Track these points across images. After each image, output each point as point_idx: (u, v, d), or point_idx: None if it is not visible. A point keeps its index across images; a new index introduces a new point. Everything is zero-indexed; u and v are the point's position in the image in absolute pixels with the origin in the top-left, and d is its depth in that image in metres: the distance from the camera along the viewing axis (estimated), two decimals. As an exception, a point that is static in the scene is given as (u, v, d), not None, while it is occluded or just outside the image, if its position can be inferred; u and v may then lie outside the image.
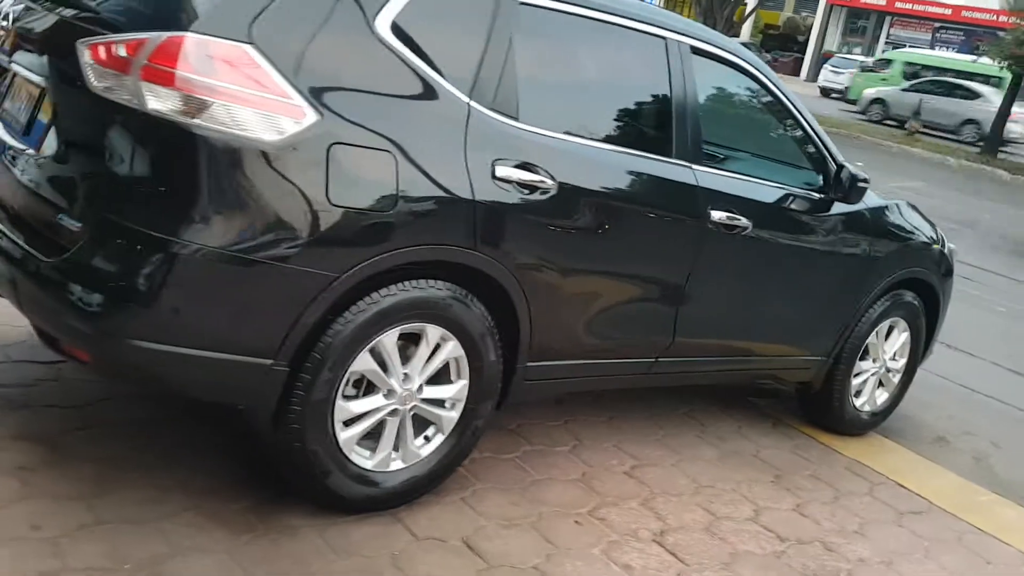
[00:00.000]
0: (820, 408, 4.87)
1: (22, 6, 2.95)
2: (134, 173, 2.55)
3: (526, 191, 3.06)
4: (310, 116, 2.61)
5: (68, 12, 2.75)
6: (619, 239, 3.44)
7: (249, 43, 2.56)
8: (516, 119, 3.07)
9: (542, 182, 3.09)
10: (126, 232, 2.53)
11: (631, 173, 3.45)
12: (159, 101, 2.48)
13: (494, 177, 2.99)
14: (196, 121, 2.48)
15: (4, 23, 2.96)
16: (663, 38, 3.61)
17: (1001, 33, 35.31)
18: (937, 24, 43.48)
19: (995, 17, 39.73)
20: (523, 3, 3.16)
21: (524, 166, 3.06)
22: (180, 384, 2.72)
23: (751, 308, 4.13)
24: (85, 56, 2.58)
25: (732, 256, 3.85)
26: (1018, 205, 17.44)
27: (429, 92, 2.89)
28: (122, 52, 2.53)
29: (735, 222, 3.77)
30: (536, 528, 3.30)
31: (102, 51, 2.56)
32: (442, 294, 2.99)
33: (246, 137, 2.52)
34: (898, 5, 43.96)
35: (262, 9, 2.59)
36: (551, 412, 4.21)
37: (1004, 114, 23.97)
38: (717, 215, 3.71)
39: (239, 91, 2.52)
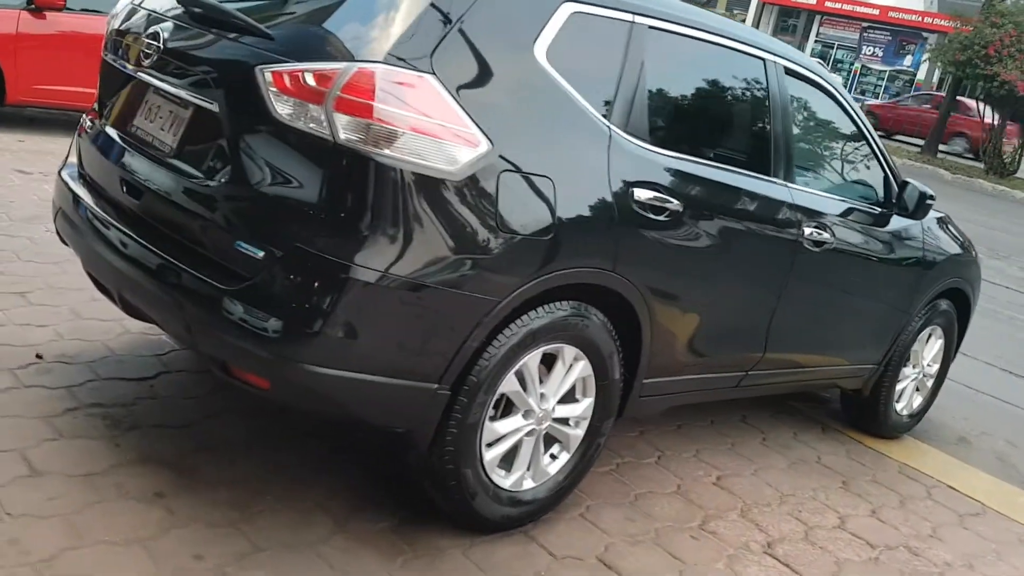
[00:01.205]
0: (866, 413, 5.04)
1: (170, 24, 2.90)
2: (317, 201, 2.54)
3: (656, 213, 3.13)
4: (483, 144, 2.63)
5: (241, 36, 2.71)
6: (728, 257, 3.54)
7: (431, 73, 2.57)
8: (647, 142, 3.13)
9: (670, 203, 3.16)
10: (309, 259, 2.53)
11: (739, 192, 3.55)
12: (350, 132, 2.48)
13: (632, 200, 3.05)
14: (383, 151, 2.49)
15: (149, 40, 2.91)
16: (763, 59, 3.71)
17: (927, 34, 36.48)
18: (865, 24, 44.55)
19: (920, 19, 40.97)
20: (652, 27, 3.20)
21: (656, 188, 3.14)
22: (351, 410, 2.73)
23: (827, 320, 4.28)
24: (266, 83, 2.56)
25: (816, 270, 3.98)
26: (961, 201, 18.03)
27: (578, 117, 2.94)
28: (311, 82, 2.52)
29: (821, 237, 3.90)
30: (659, 544, 3.37)
31: (287, 79, 2.55)
32: (582, 315, 3.04)
33: (426, 166, 2.55)
34: (828, 4, 44.94)
35: (440, 39, 2.61)
36: (626, 424, 4.28)
37: (944, 115, 24.73)
38: (808, 231, 3.83)
39: (423, 121, 2.53)
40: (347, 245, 2.52)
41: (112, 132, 3.15)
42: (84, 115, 3.47)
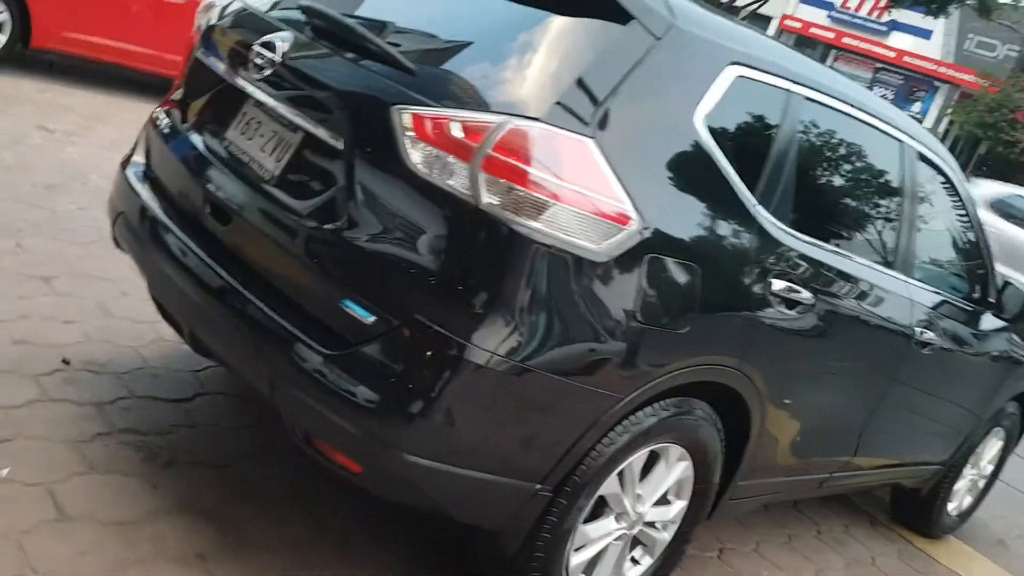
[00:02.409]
0: (919, 512, 4.81)
1: (289, 35, 2.52)
2: (444, 268, 2.20)
3: (789, 306, 2.80)
4: (634, 222, 2.30)
5: (376, 66, 2.34)
6: (845, 355, 3.25)
7: (591, 137, 2.22)
8: (788, 225, 2.81)
9: (802, 296, 2.84)
10: (427, 334, 2.18)
11: (865, 285, 3.23)
12: (495, 196, 2.14)
13: (770, 291, 2.72)
14: (528, 222, 2.14)
15: (262, 48, 2.53)
16: (901, 141, 3.39)
17: (938, 83, 36.39)
18: (879, 65, 44.46)
19: (935, 67, 40.85)
20: (808, 99, 2.87)
21: (792, 279, 2.81)
22: (442, 505, 2.38)
23: (914, 422, 4.00)
24: (403, 126, 2.21)
25: (918, 371, 3.70)
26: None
27: (728, 195, 2.61)
28: (458, 133, 2.16)
29: (929, 337, 3.60)
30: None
31: (429, 126, 2.19)
32: (696, 413, 2.72)
33: (570, 243, 2.21)
34: (845, 41, 44.80)
35: (603, 99, 2.26)
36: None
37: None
38: (919, 330, 3.55)
39: (576, 192, 2.20)
40: (470, 322, 2.18)
41: (196, 139, 2.76)
42: (157, 107, 3.07)
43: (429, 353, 2.20)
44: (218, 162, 2.66)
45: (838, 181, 3.26)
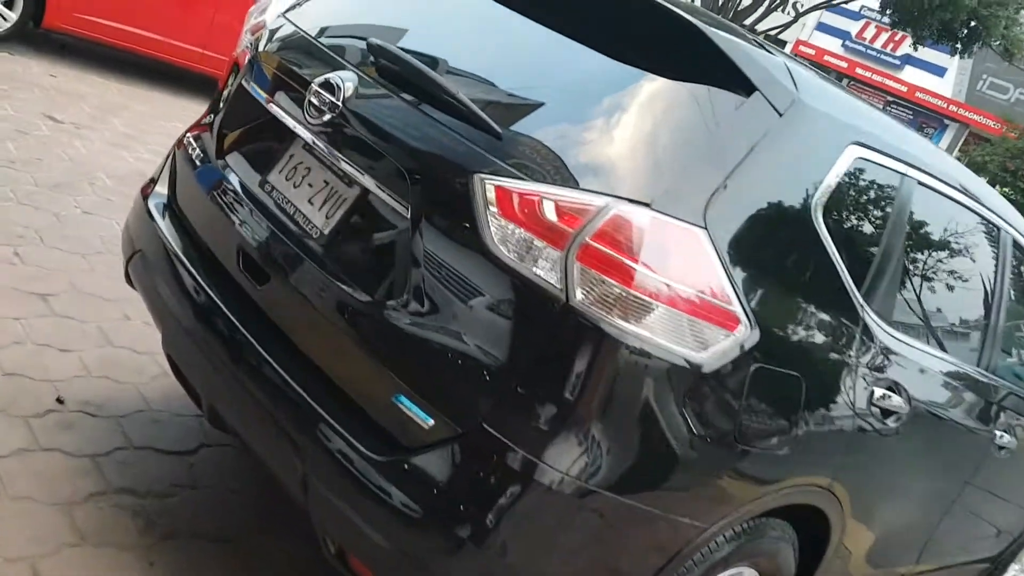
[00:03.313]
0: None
1: (353, 76, 2.17)
2: (522, 372, 1.86)
3: (885, 416, 2.47)
4: (742, 328, 1.96)
5: (455, 124, 1.99)
6: (926, 462, 2.94)
7: (703, 228, 1.87)
8: (891, 326, 2.47)
9: (899, 405, 2.50)
10: (492, 446, 1.85)
11: (958, 388, 2.92)
12: (590, 292, 1.81)
13: (870, 402, 2.38)
14: (627, 326, 1.80)
15: (321, 89, 2.18)
16: (999, 228, 3.07)
17: (948, 121, 36.20)
18: (890, 98, 44.27)
19: (946, 105, 40.64)
20: (920, 183, 2.54)
21: (891, 386, 2.49)
22: None
23: (978, 524, 3.67)
24: (486, 199, 1.87)
25: (991, 474, 3.39)
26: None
27: (838, 294, 2.28)
28: (551, 215, 1.82)
29: (1006, 440, 3.28)
30: None
31: (516, 202, 1.85)
32: (775, 534, 2.38)
33: (672, 351, 1.87)
34: (859, 71, 44.59)
35: (721, 182, 1.92)
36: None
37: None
38: (999, 433, 3.22)
39: (683, 291, 1.86)
40: (544, 437, 1.85)
41: (232, 176, 2.42)
42: (187, 132, 2.71)
43: (494, 470, 1.85)
44: (256, 208, 2.32)
45: (939, 273, 2.93)
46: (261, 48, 2.51)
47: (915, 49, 27.75)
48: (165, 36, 7.59)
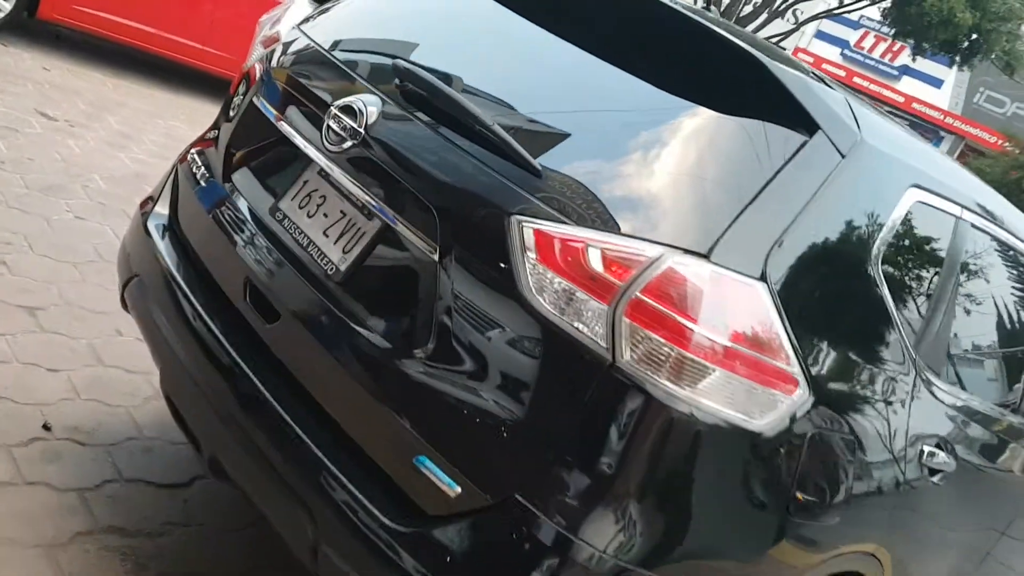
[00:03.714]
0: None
1: (376, 101, 1.98)
2: (554, 436, 1.69)
3: (932, 474, 2.30)
4: (801, 388, 1.79)
5: (489, 158, 1.81)
6: (967, 517, 2.78)
7: (762, 281, 1.69)
8: (942, 380, 2.30)
9: (946, 462, 2.34)
10: (524, 518, 1.65)
11: (1000, 436, 2.75)
12: (640, 353, 1.63)
13: (920, 460, 2.22)
14: (675, 388, 1.62)
15: (340, 113, 2.00)
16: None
17: (944, 134, 36.17)
18: (887, 108, 44.20)
19: (942, 117, 40.60)
20: (974, 225, 2.37)
21: (940, 443, 2.32)
22: None
23: (1005, 573, 3.50)
24: (523, 243, 1.69)
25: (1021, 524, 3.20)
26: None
27: (893, 348, 2.12)
28: (597, 264, 1.65)
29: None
30: None
31: (558, 249, 1.67)
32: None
33: (722, 415, 1.68)
34: (855, 80, 44.53)
35: (782, 230, 1.74)
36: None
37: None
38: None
39: (741, 352, 1.68)
40: (581, 510, 1.66)
41: (240, 200, 2.24)
42: (191, 148, 2.52)
43: (525, 545, 1.67)
44: (266, 236, 2.13)
45: (987, 320, 2.76)
46: (274, 63, 2.32)
47: (914, 60, 27.72)
48: (164, 31, 7.38)
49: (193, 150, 2.54)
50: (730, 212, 1.72)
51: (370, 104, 1.98)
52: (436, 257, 1.81)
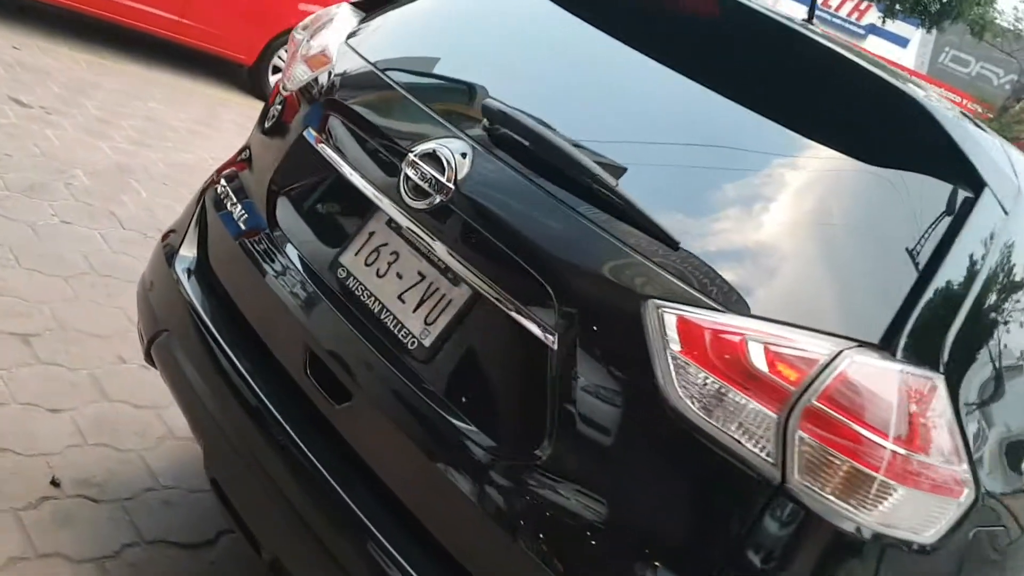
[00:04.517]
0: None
1: (464, 147, 1.69)
2: (705, 564, 1.41)
3: None
4: (968, 490, 1.54)
5: (613, 224, 1.52)
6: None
7: (941, 374, 1.43)
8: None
9: None
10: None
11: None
12: (815, 472, 1.36)
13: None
14: (850, 510, 1.37)
15: (421, 161, 1.69)
16: None
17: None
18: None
19: (908, 77, 40.61)
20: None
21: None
22: None
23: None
24: (664, 334, 1.41)
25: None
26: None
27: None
28: (759, 362, 1.37)
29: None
30: None
31: (708, 339, 1.40)
32: None
33: (898, 535, 1.43)
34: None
35: (961, 312, 1.47)
36: None
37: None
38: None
39: (925, 464, 1.41)
40: None
41: (291, 250, 1.94)
42: (220, 177, 2.20)
43: None
44: (327, 297, 1.83)
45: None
46: (328, 91, 2.00)
47: (883, 23, 27.60)
48: (138, 2, 6.90)
49: (223, 179, 2.22)
50: (905, 292, 1.46)
51: (457, 151, 1.68)
52: (553, 343, 1.52)
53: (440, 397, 1.65)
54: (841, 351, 1.38)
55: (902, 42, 38.75)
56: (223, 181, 2.21)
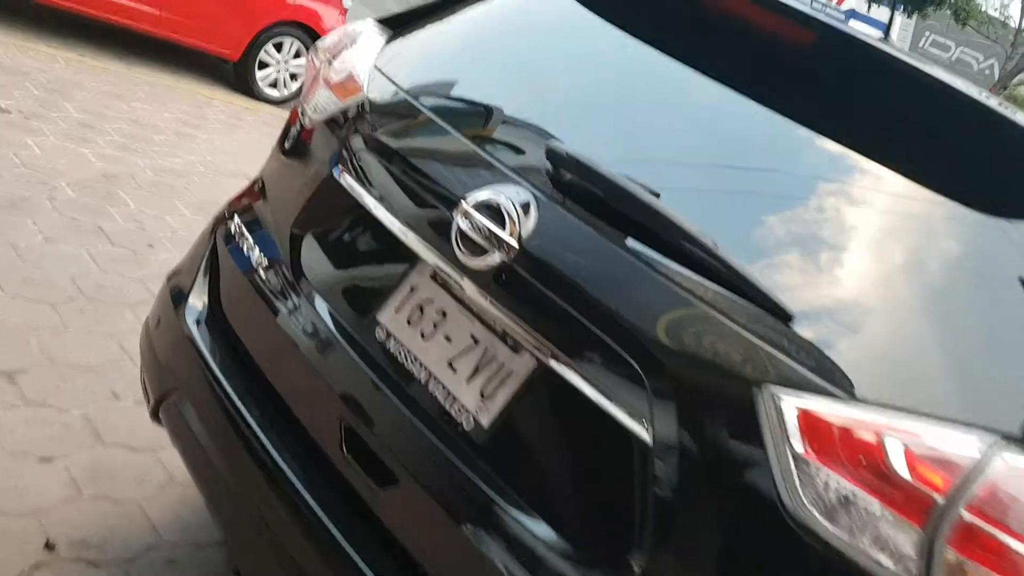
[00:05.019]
0: None
1: (527, 199, 1.45)
2: None
3: None
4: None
5: (713, 292, 1.29)
6: None
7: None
8: None
9: None
10: None
11: None
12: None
13: None
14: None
15: (477, 212, 1.46)
16: None
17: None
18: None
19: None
20: None
21: None
22: None
23: None
24: (782, 427, 1.18)
25: None
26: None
27: None
28: (898, 464, 1.15)
29: None
30: None
31: (837, 437, 1.18)
32: None
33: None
34: None
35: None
36: None
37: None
38: None
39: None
40: None
41: (319, 303, 1.71)
42: (233, 214, 1.96)
43: None
44: (363, 360, 1.59)
45: None
46: (358, 123, 1.77)
47: (868, 8, 27.55)
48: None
49: (236, 216, 1.98)
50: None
51: (519, 201, 1.45)
52: (643, 434, 1.30)
53: (503, 486, 1.43)
54: (991, 449, 1.16)
55: (882, 27, 38.76)
56: (236, 219, 1.97)
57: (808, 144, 1.50)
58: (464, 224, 1.48)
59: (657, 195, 1.42)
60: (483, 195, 1.48)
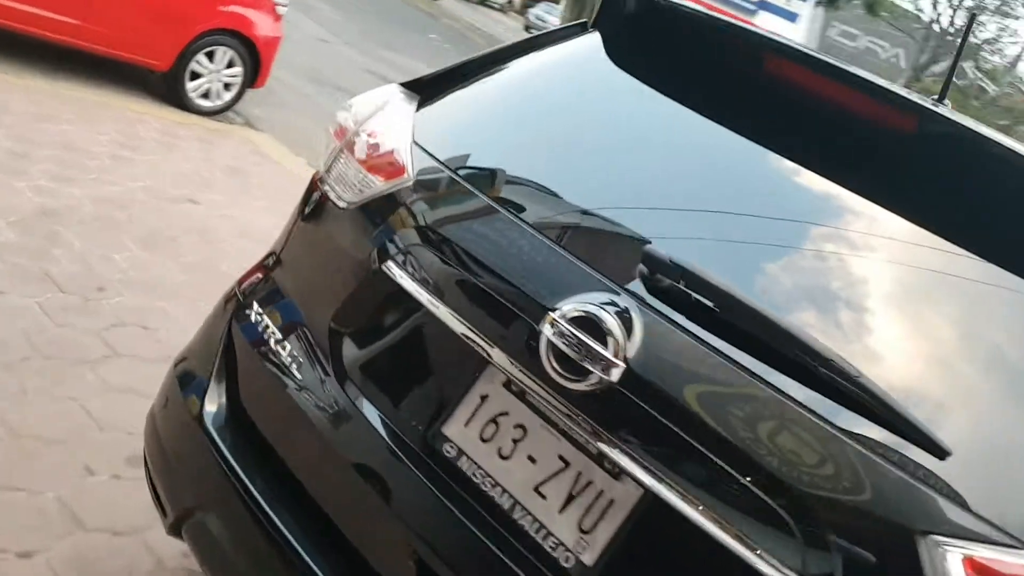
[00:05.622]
0: None
1: (634, 313, 1.30)
2: None
3: None
4: None
5: (851, 420, 1.18)
6: None
7: None
8: None
9: None
10: None
11: None
12: None
13: None
14: None
15: (571, 328, 1.31)
16: None
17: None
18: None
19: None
20: None
21: None
22: None
23: None
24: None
25: None
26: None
27: None
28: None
29: None
30: None
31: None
32: None
33: None
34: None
35: None
36: None
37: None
38: None
39: None
40: None
41: (370, 411, 1.54)
42: (250, 298, 1.77)
43: None
44: (430, 482, 1.42)
45: None
46: (410, 212, 1.59)
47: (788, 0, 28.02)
48: (31, 5, 6.17)
49: (255, 302, 1.78)
50: None
51: (622, 312, 1.29)
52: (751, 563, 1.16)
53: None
54: None
55: (792, 17, 39.45)
56: (256, 306, 1.77)
57: (941, 248, 1.37)
58: (554, 337, 1.32)
59: (772, 304, 1.28)
60: (580, 308, 1.32)
